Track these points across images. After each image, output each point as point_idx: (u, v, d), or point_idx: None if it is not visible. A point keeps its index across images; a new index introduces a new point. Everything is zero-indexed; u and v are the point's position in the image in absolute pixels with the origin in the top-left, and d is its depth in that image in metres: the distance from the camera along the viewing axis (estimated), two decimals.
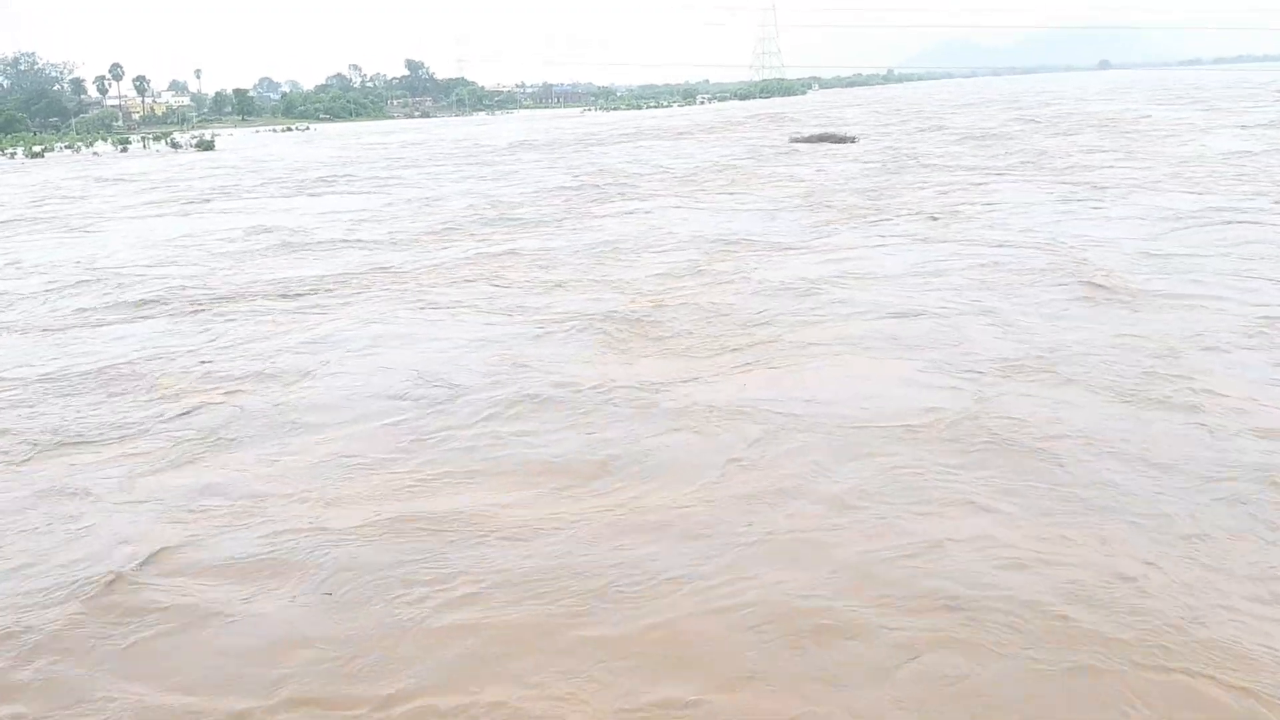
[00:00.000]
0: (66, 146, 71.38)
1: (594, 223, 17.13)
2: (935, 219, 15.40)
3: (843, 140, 33.83)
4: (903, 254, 12.67)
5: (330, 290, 11.93)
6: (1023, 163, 23.55)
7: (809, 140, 33.93)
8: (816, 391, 7.37)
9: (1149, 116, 38.95)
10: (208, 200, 25.04)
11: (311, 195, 24.97)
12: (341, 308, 10.93)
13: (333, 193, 25.32)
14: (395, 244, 15.64)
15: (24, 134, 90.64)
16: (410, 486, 5.90)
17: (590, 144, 43.13)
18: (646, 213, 18.00)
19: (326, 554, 5.11)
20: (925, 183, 20.39)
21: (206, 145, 62.98)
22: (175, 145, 67.78)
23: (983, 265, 11.65)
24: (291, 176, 31.87)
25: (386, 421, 7.04)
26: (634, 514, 5.49)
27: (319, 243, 15.96)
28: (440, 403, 7.39)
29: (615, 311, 10.12)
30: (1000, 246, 12.76)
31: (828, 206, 17.38)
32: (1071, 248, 12.33)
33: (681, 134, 47.42)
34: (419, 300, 11.24)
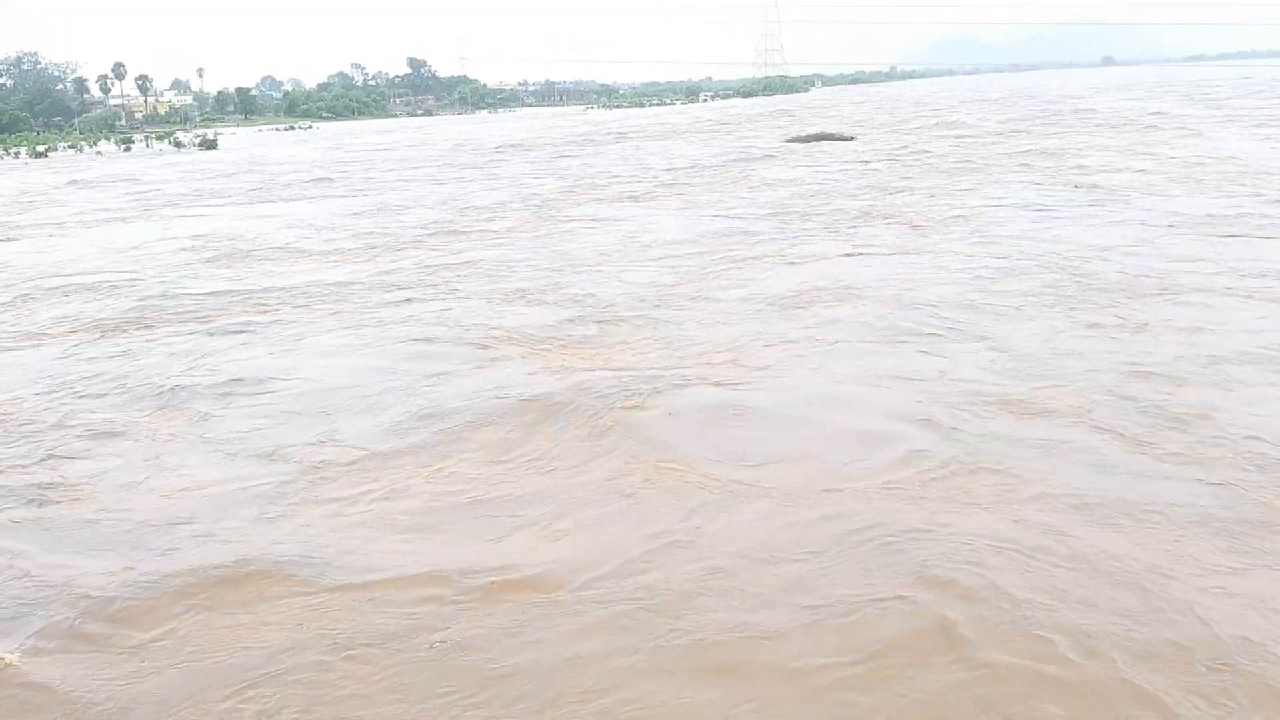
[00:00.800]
0: (70, 146, 70.70)
1: (565, 228, 16.02)
2: (919, 228, 14.23)
3: (840, 139, 32.67)
4: (885, 267, 11.53)
5: (259, 310, 10.83)
6: (1024, 164, 22.36)
7: (805, 140, 32.75)
8: (773, 444, 6.25)
9: (1159, 114, 37.68)
10: (174, 205, 23.96)
11: (284, 201, 23.88)
12: (262, 334, 9.81)
13: (305, 198, 24.21)
14: (348, 254, 14.54)
15: (28, 134, 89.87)
16: (242, 575, 4.80)
17: (584, 143, 42.02)
18: (622, 220, 16.87)
19: (87, 690, 4.01)
20: (918, 186, 19.23)
21: (209, 144, 62.59)
22: (179, 144, 67.33)
23: (971, 281, 10.52)
24: (274, 179, 30.82)
25: (250, 487, 5.91)
26: (531, 618, 4.39)
27: (268, 255, 14.85)
28: (326, 463, 6.27)
29: (561, 338, 9.03)
30: (991, 259, 11.61)
31: (813, 215, 16.22)
32: (1070, 261, 11.18)
33: (678, 133, 46.28)
34: (352, 322, 10.13)
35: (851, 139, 32.67)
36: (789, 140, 33.16)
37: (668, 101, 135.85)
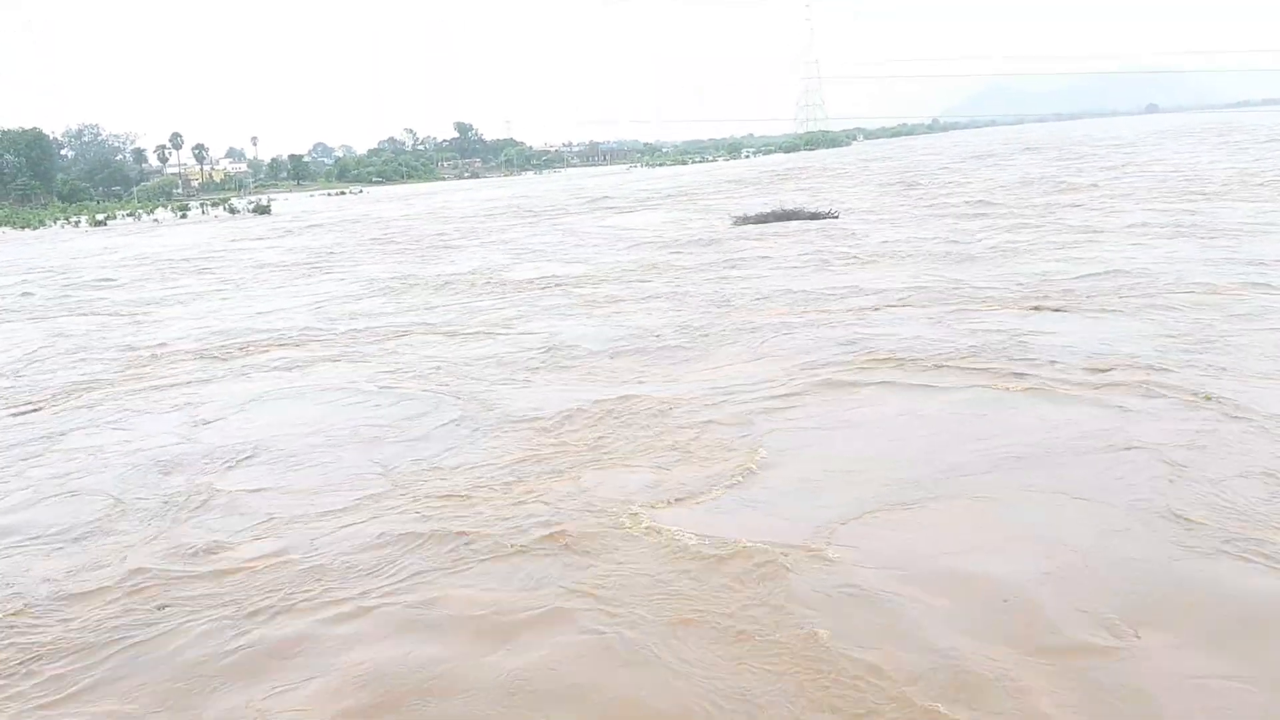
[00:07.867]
0: (128, 214, 67.57)
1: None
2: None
3: (807, 218, 23.39)
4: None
5: None
6: (1043, 280, 12.97)
7: (759, 221, 23.45)
8: None
9: (1214, 170, 27.64)
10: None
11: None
12: None
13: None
14: None
15: (88, 203, 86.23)
16: None
17: (541, 217, 33.60)
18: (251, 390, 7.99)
19: None
20: (874, 337, 10.06)
21: (263, 209, 58.86)
22: (233, 210, 63.71)
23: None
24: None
25: None
26: None
27: None
28: None
29: None
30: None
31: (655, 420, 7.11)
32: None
33: (655, 200, 37.54)
34: None
35: (828, 216, 23.37)
36: (739, 222, 23.80)
37: (709, 158, 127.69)
